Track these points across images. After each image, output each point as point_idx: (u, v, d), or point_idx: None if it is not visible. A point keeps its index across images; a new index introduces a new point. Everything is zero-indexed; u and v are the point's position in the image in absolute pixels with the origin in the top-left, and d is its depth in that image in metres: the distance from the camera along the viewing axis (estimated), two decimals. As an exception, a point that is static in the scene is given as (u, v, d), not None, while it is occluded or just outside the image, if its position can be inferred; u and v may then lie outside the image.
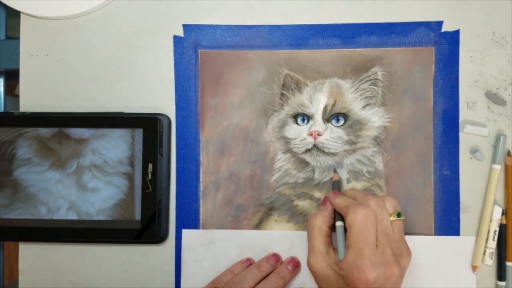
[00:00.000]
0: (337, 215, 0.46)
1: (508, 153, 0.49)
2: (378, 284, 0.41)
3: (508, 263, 0.48)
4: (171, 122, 0.50)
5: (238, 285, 0.46)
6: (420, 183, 0.49)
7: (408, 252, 0.44)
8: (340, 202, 0.45)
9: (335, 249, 0.45)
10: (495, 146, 0.49)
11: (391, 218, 0.44)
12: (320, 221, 0.45)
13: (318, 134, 0.49)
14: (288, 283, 0.49)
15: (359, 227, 0.42)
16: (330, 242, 0.46)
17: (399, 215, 0.44)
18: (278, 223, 0.50)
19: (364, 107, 0.50)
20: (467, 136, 0.49)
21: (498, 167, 0.48)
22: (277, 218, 0.50)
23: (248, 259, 0.49)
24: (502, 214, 0.49)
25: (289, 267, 0.48)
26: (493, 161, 0.49)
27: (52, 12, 0.50)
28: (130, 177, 0.49)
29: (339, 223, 0.45)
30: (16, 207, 0.49)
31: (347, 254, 0.42)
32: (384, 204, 0.44)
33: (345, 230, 0.44)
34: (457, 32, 0.50)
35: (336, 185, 0.48)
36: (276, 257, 0.49)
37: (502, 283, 0.48)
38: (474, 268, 0.49)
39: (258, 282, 0.47)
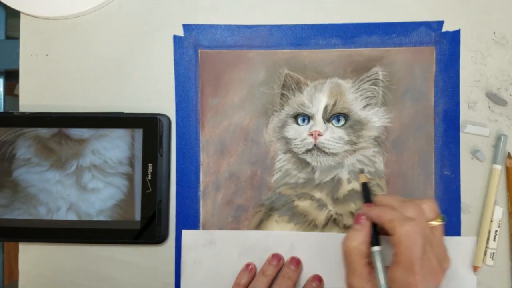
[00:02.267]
0: (373, 238, 0.42)
1: (509, 155, 0.48)
2: None
3: None
4: (171, 122, 0.50)
5: None
6: (420, 183, 0.49)
7: (447, 254, 0.42)
8: (382, 214, 0.41)
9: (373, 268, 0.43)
10: (496, 146, 0.49)
11: (435, 223, 0.42)
12: (358, 243, 0.42)
13: (319, 134, 0.49)
14: (297, 282, 0.49)
15: (410, 245, 0.39)
16: (370, 262, 0.42)
17: (443, 219, 0.42)
18: (279, 224, 0.50)
19: (364, 107, 0.50)
20: (468, 136, 0.49)
21: (499, 167, 0.48)
22: (278, 219, 0.50)
23: (248, 264, 0.49)
24: None
25: (292, 267, 0.48)
26: (494, 161, 0.49)
27: (52, 12, 0.50)
28: (130, 178, 0.49)
29: (376, 249, 0.42)
30: (16, 208, 0.49)
31: (396, 270, 0.40)
32: (422, 210, 0.41)
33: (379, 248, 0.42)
34: (457, 32, 0.49)
35: (365, 190, 0.45)
36: (276, 257, 0.49)
37: None
38: (475, 268, 0.48)
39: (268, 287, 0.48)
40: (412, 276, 0.39)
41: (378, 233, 0.42)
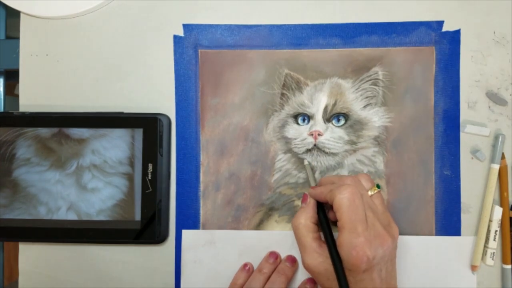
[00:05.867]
0: (321, 217, 0.46)
1: (503, 156, 0.48)
2: (378, 259, 0.41)
3: (506, 266, 0.48)
4: (171, 122, 0.50)
5: None
6: (421, 183, 0.49)
7: (393, 221, 0.45)
8: (322, 190, 0.45)
9: (324, 242, 0.45)
10: (495, 146, 0.49)
11: (371, 192, 0.45)
12: (304, 219, 0.45)
13: (319, 134, 0.49)
14: (292, 279, 0.49)
15: (348, 206, 0.42)
16: (319, 237, 0.45)
17: (378, 186, 0.45)
18: (279, 224, 0.50)
19: (364, 107, 0.50)
20: (468, 136, 0.49)
21: (497, 167, 0.48)
22: (278, 219, 0.50)
23: (245, 265, 0.49)
24: None
25: (288, 264, 0.49)
26: (492, 160, 0.49)
27: (52, 12, 0.50)
28: (130, 177, 0.49)
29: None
30: (16, 207, 0.49)
31: (341, 235, 0.42)
32: (359, 181, 0.45)
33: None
34: (457, 32, 0.49)
35: (309, 169, 0.49)
36: (274, 255, 0.49)
37: (508, 266, 0.48)
38: (473, 268, 0.48)
39: (264, 284, 0.48)
40: (356, 239, 0.41)
41: (324, 211, 0.46)
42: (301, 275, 0.49)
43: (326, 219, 0.45)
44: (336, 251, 0.42)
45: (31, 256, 0.51)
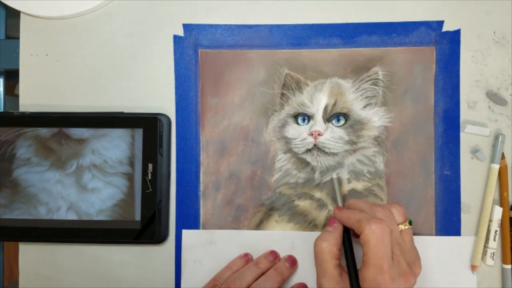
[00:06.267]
0: (346, 241, 0.44)
1: (503, 156, 0.48)
2: None
3: (506, 266, 0.48)
4: (171, 122, 0.50)
5: (237, 282, 0.46)
6: (421, 183, 0.49)
7: (419, 258, 0.43)
8: (350, 216, 0.43)
9: (345, 270, 0.44)
10: (494, 146, 0.49)
11: (403, 227, 0.43)
12: (330, 244, 0.43)
13: (319, 134, 0.49)
14: (287, 280, 0.49)
15: (376, 243, 0.40)
16: (340, 264, 0.44)
17: (410, 223, 0.44)
18: (279, 223, 0.50)
19: (364, 107, 0.50)
20: (468, 136, 0.49)
21: (497, 167, 0.48)
22: (278, 218, 0.50)
23: (246, 254, 0.49)
24: None
25: (287, 264, 0.48)
26: (492, 160, 0.49)
27: (52, 12, 0.50)
28: (130, 177, 0.49)
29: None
30: (16, 207, 0.49)
31: (366, 270, 0.40)
32: (391, 214, 0.43)
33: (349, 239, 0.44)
34: (458, 32, 0.49)
35: (337, 185, 0.48)
36: (274, 254, 0.49)
37: (508, 266, 0.48)
38: (473, 267, 0.48)
39: (257, 278, 0.47)
40: (381, 276, 0.40)
41: (350, 238, 0.44)
42: (304, 275, 0.49)
43: (351, 249, 0.44)
44: (358, 285, 0.41)
45: (31, 256, 0.51)
